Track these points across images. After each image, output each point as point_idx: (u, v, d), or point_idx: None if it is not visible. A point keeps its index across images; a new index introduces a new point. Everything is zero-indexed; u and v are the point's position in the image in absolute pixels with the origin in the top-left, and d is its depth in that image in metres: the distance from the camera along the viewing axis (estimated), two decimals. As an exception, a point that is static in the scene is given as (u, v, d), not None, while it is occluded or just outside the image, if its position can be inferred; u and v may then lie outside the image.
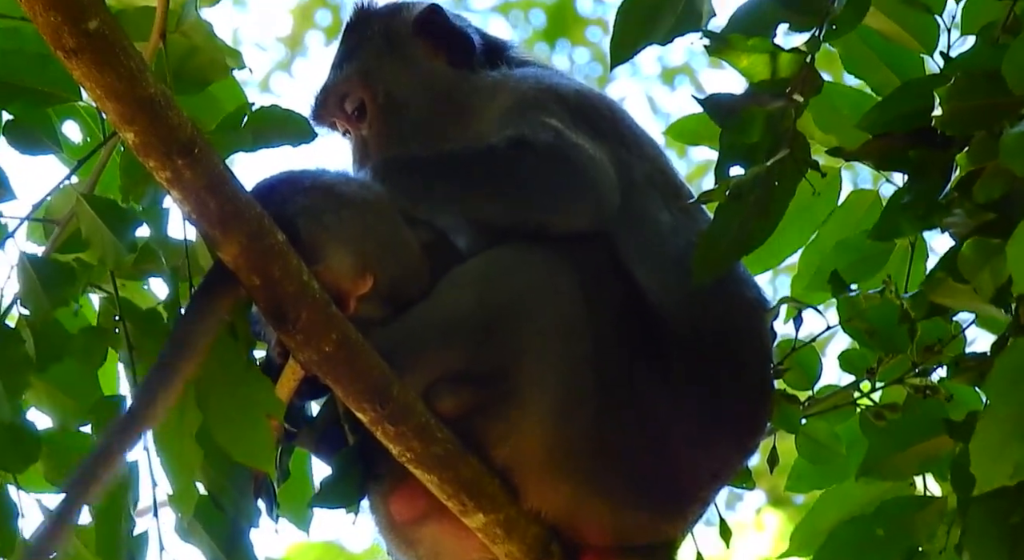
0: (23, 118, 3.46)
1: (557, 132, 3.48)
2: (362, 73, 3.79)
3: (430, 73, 3.79)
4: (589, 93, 3.72)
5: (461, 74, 3.77)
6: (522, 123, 3.52)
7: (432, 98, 3.76)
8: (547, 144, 3.46)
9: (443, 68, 3.79)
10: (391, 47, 3.81)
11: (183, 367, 3.16)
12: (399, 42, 3.82)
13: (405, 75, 3.78)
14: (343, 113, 3.81)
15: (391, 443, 3.31)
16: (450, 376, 3.35)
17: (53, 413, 3.51)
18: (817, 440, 3.80)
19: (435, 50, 3.80)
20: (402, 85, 3.77)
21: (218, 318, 3.20)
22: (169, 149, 3.03)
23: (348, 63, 3.82)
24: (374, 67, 3.79)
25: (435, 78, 3.78)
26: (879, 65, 3.66)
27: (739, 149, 3.28)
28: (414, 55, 3.80)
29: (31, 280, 3.36)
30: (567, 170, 3.44)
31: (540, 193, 3.43)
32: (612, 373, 3.37)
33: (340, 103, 3.81)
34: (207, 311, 3.20)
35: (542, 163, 3.44)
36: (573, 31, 11.90)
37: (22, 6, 2.93)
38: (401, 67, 3.79)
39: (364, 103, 3.78)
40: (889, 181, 3.77)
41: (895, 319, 3.59)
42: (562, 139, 3.47)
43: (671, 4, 3.38)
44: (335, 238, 3.30)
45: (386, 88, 3.77)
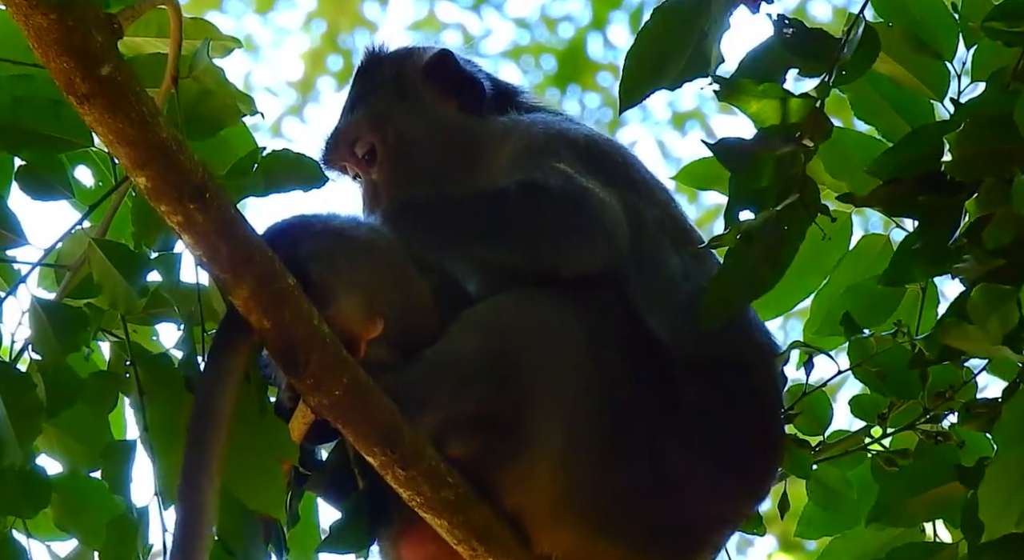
0: (35, 164, 3.46)
1: (568, 176, 3.49)
2: (372, 118, 3.80)
3: (440, 118, 3.80)
4: (599, 138, 3.73)
5: (471, 119, 3.79)
6: (533, 167, 3.53)
7: (442, 143, 3.77)
8: (558, 188, 3.46)
9: (453, 113, 3.81)
10: (401, 92, 3.83)
11: (217, 444, 3.16)
12: (409, 87, 3.83)
13: (415, 120, 3.79)
14: (354, 157, 3.82)
15: (401, 487, 3.30)
16: (460, 420, 3.34)
17: (63, 458, 3.51)
18: (828, 486, 3.79)
19: (445, 95, 3.82)
20: (412, 130, 3.79)
21: (239, 375, 3.20)
22: (181, 194, 3.04)
23: (359, 107, 3.83)
24: (384, 112, 3.81)
25: (445, 123, 3.79)
26: (889, 111, 3.66)
27: (749, 194, 3.28)
28: (424, 100, 3.82)
29: (43, 325, 3.37)
30: (578, 214, 3.44)
31: (551, 236, 3.44)
32: (623, 418, 3.36)
33: (351, 147, 3.82)
34: (227, 370, 3.20)
35: (553, 207, 3.45)
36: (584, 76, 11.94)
37: (35, 52, 2.95)
38: (411, 112, 3.80)
39: (374, 147, 3.79)
40: (899, 226, 3.78)
41: (906, 364, 3.58)
42: (573, 183, 3.48)
43: (680, 49, 3.39)
44: (346, 282, 3.30)
45: (396, 133, 3.78)
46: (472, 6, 12.26)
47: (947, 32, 3.56)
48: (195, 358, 3.41)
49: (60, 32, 2.89)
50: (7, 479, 3.37)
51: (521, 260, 3.44)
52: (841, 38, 3.28)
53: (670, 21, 3.39)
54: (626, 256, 3.46)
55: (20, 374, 3.37)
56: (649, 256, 3.52)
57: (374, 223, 3.48)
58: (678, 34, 3.39)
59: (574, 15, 12.24)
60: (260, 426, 3.26)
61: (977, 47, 3.55)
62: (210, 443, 3.14)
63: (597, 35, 12.13)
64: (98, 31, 2.92)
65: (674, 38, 3.39)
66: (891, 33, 3.51)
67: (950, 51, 3.56)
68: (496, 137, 3.71)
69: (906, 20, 3.56)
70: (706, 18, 3.37)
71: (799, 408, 3.73)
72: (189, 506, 3.12)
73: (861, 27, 3.28)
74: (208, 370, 3.23)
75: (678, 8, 3.39)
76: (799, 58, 3.31)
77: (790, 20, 3.30)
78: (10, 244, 3.43)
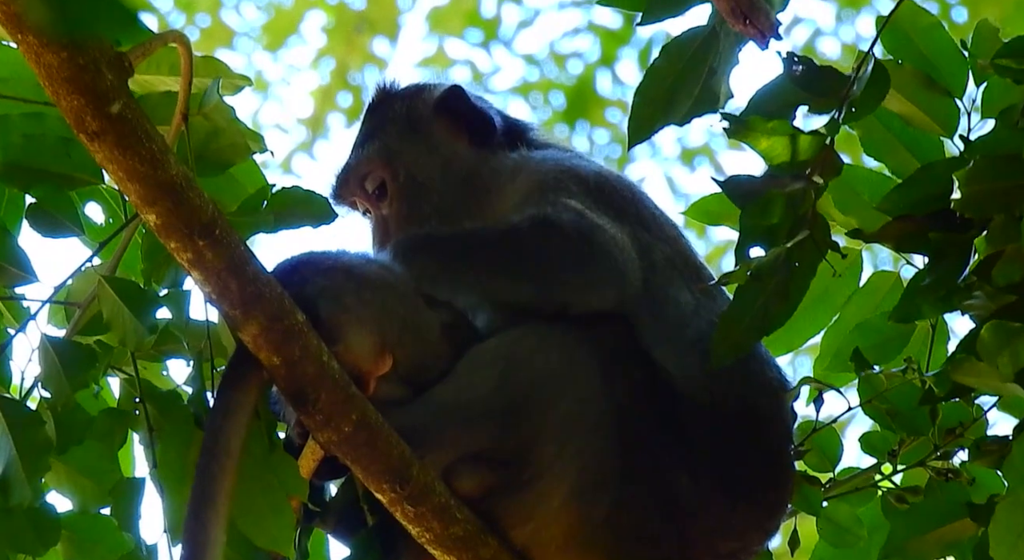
0: (46, 201, 3.47)
1: (579, 213, 3.49)
2: (383, 153, 3.81)
3: (451, 153, 3.80)
4: (609, 175, 3.73)
5: (482, 155, 3.79)
6: (544, 204, 3.53)
7: (452, 178, 3.77)
8: (569, 224, 3.46)
9: (464, 148, 3.81)
10: (412, 127, 3.84)
11: (225, 479, 3.15)
12: (420, 122, 3.84)
13: (426, 155, 3.80)
14: (363, 193, 3.83)
15: (411, 524, 3.30)
16: (470, 457, 3.34)
17: (73, 496, 3.50)
18: (839, 523, 3.77)
19: (456, 131, 3.82)
20: (423, 165, 3.79)
21: (249, 410, 3.20)
22: (191, 230, 3.05)
23: (369, 143, 3.84)
24: (395, 147, 3.81)
25: (455, 158, 3.80)
26: (899, 147, 3.66)
27: (759, 231, 3.28)
28: (435, 135, 3.82)
29: (52, 362, 3.37)
30: (589, 250, 3.44)
31: (563, 273, 3.44)
32: (633, 454, 3.36)
33: (361, 183, 3.83)
34: (236, 405, 3.19)
35: (565, 243, 3.45)
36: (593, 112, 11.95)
37: (46, 90, 2.95)
38: (422, 147, 3.81)
39: (385, 183, 3.80)
40: (909, 263, 3.77)
41: (916, 401, 3.57)
42: (584, 219, 3.48)
43: (689, 85, 3.40)
44: (355, 319, 3.30)
45: (407, 168, 3.79)
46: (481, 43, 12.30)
47: (957, 69, 3.56)
48: (204, 395, 3.42)
49: (71, 70, 2.90)
50: (17, 517, 3.37)
51: (533, 297, 3.44)
52: (851, 75, 3.28)
53: (679, 58, 3.41)
54: (637, 292, 3.46)
55: (29, 411, 3.37)
56: (659, 292, 3.51)
57: (384, 259, 3.48)
58: (687, 71, 3.40)
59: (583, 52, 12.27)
60: (269, 463, 3.26)
61: (987, 84, 3.55)
62: (218, 479, 3.14)
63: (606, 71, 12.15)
64: (109, 69, 2.93)
65: (683, 75, 3.40)
66: (901, 70, 3.52)
67: (960, 88, 3.56)
68: (506, 174, 3.72)
69: (916, 57, 3.56)
70: (715, 55, 3.38)
71: (809, 445, 3.72)
72: (194, 543, 3.11)
73: (871, 64, 3.28)
74: (217, 406, 3.23)
75: (687, 45, 3.40)
76: (809, 95, 3.31)
77: (799, 57, 3.30)
78: (20, 281, 3.44)
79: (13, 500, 3.33)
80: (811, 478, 3.71)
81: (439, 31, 12.23)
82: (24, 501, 3.33)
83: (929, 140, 3.63)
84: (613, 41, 12.00)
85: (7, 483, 3.33)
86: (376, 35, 12.34)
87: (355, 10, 12.33)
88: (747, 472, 3.43)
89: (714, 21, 3.38)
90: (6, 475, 3.33)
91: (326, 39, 12.33)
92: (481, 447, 3.34)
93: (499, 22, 12.30)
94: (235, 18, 12.29)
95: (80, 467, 3.47)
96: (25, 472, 3.32)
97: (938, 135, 3.60)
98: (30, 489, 3.32)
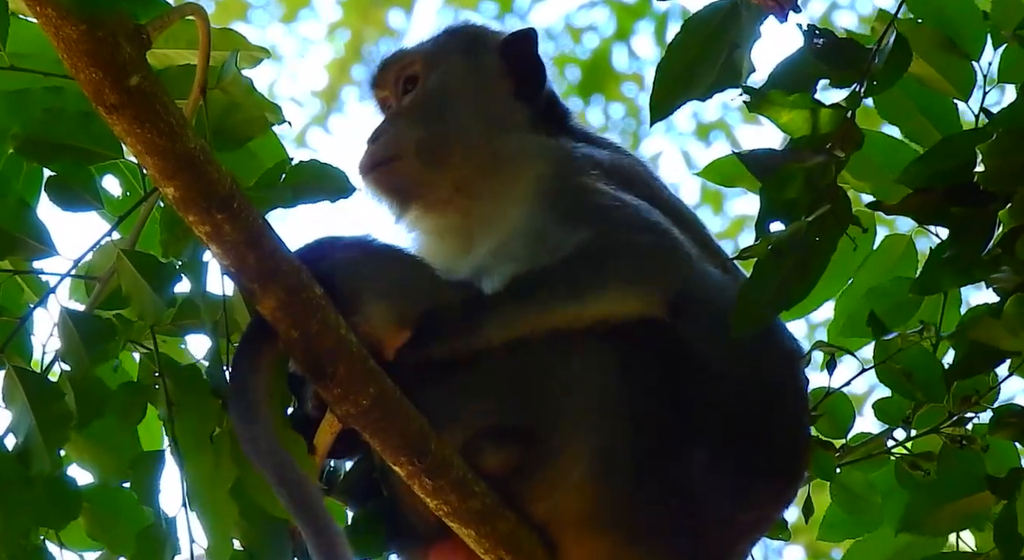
0: (65, 175, 3.47)
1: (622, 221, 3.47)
2: (431, 55, 3.82)
3: (492, 89, 3.78)
4: (626, 163, 3.72)
5: (518, 108, 3.77)
6: (579, 213, 3.50)
7: (479, 109, 3.76)
8: (622, 236, 3.45)
9: (505, 92, 3.79)
10: (470, 51, 3.83)
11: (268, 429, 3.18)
12: (480, 51, 3.83)
13: (468, 76, 3.79)
14: (396, 83, 3.84)
15: (428, 497, 3.30)
16: (490, 432, 3.34)
17: (94, 469, 3.52)
18: (852, 490, 3.78)
19: (507, 74, 3.81)
20: (461, 81, 3.78)
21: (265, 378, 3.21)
22: (209, 204, 3.05)
23: (424, 44, 3.86)
24: (443, 56, 3.82)
25: (492, 95, 3.78)
26: (914, 112, 3.67)
27: (779, 205, 3.27)
28: (487, 67, 3.81)
29: (72, 336, 3.37)
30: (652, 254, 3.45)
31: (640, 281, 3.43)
32: (652, 427, 3.35)
33: (399, 72, 3.84)
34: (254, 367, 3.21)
35: (625, 253, 3.44)
36: (608, 86, 11.93)
37: (65, 63, 2.96)
38: (469, 68, 3.80)
39: (418, 79, 3.80)
40: (925, 230, 3.75)
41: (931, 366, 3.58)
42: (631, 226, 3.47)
43: (710, 61, 3.39)
44: (372, 289, 3.31)
45: (444, 76, 3.78)
46: (497, 15, 12.26)
47: (976, 32, 3.56)
48: (221, 367, 3.42)
49: (90, 43, 2.91)
50: (38, 490, 3.38)
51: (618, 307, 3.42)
52: (872, 48, 3.26)
53: (700, 33, 3.39)
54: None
55: (49, 384, 3.39)
56: None
57: (402, 244, 3.50)
58: (708, 46, 3.39)
59: (599, 25, 12.24)
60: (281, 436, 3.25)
61: (1005, 50, 3.54)
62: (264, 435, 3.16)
63: (622, 46, 12.13)
64: (127, 42, 2.93)
65: (704, 50, 3.39)
66: (920, 30, 3.51)
67: (977, 52, 3.57)
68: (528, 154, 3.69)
69: (936, 18, 3.56)
70: (736, 29, 3.36)
71: (822, 409, 3.72)
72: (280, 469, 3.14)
73: (892, 36, 3.27)
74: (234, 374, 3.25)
75: (708, 20, 3.39)
76: (830, 68, 3.30)
77: (820, 30, 3.29)
78: (40, 254, 3.44)
79: (33, 470, 3.34)
80: (825, 443, 3.72)
81: (454, 3, 12.21)
82: (44, 471, 3.34)
83: (944, 104, 3.64)
84: (629, 15, 11.96)
85: (28, 454, 3.35)
86: (391, 7, 12.32)
87: (371, -18, 12.33)
88: (765, 442, 3.43)
89: (734, -6, 3.37)
90: (27, 446, 3.35)
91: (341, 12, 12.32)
92: (499, 421, 3.34)
93: (514, -6, 12.28)
94: (251, -10, 12.30)
95: (100, 441, 3.48)
96: (45, 443, 3.34)
97: (953, 97, 3.60)
98: (49, 460, 3.34)
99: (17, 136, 3.41)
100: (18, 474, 3.36)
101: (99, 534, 3.54)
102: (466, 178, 3.70)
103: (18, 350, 3.45)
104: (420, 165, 3.71)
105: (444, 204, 3.73)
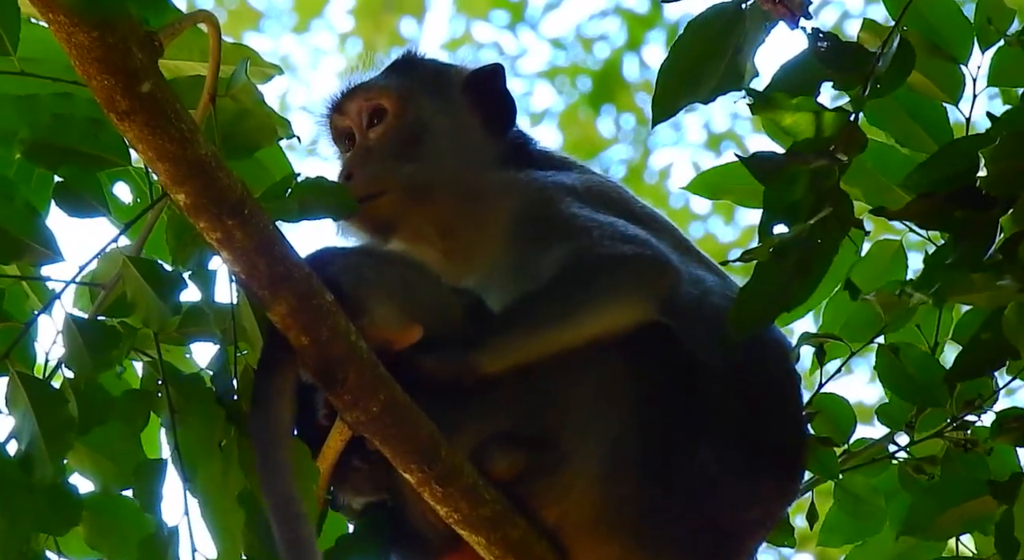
0: (73, 181, 3.45)
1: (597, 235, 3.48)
2: (402, 89, 3.81)
3: (462, 125, 3.79)
4: (596, 181, 3.73)
5: (488, 143, 3.78)
6: (553, 234, 3.51)
7: (451, 144, 3.76)
8: (599, 251, 3.46)
9: (475, 127, 3.80)
10: (437, 85, 3.83)
11: (286, 459, 3.19)
12: (446, 87, 3.83)
13: (440, 113, 3.79)
14: (359, 114, 3.82)
15: (438, 504, 3.30)
16: (499, 438, 3.34)
17: (95, 477, 3.49)
18: (856, 494, 3.79)
19: (475, 109, 3.81)
20: (432, 117, 3.78)
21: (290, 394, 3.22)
22: (220, 210, 3.05)
23: (391, 76, 3.84)
24: (412, 90, 3.81)
25: (465, 132, 3.78)
26: (903, 116, 3.68)
27: (782, 207, 3.27)
28: (455, 102, 3.81)
29: (76, 342, 3.35)
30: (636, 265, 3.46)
31: (626, 292, 3.44)
32: (658, 429, 3.37)
33: (363, 104, 3.82)
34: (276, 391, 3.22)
35: (610, 269, 3.45)
36: (619, 96, 11.95)
37: (76, 70, 2.96)
38: (438, 104, 3.80)
39: (385, 112, 3.79)
40: (913, 231, 3.76)
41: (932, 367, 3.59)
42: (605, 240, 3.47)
43: (714, 63, 3.39)
44: (376, 290, 3.31)
45: (416, 109, 3.78)
46: (508, 25, 12.28)
47: (962, 35, 3.58)
48: (228, 375, 3.40)
49: (102, 50, 2.90)
50: (39, 496, 3.35)
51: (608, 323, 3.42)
52: (876, 51, 3.27)
53: (704, 35, 3.40)
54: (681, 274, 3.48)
55: (53, 390, 3.36)
56: None
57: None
58: (712, 48, 3.39)
59: (610, 35, 12.26)
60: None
61: (996, 53, 3.56)
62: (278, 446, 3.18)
63: (633, 55, 12.16)
64: (139, 49, 2.93)
65: (708, 52, 3.39)
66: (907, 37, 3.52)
67: (964, 55, 3.58)
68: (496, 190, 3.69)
69: (921, 24, 3.57)
70: (740, 32, 3.37)
71: (816, 406, 3.73)
72: (280, 497, 3.16)
73: (896, 40, 3.28)
74: (258, 391, 3.24)
75: (712, 22, 3.39)
76: (833, 71, 3.31)
77: (824, 34, 3.30)
78: (46, 260, 3.41)
79: (35, 478, 3.32)
80: (824, 439, 3.73)
81: (466, 12, 12.21)
82: (46, 478, 3.32)
83: (933, 107, 3.65)
84: (640, 25, 11.99)
85: (30, 460, 3.32)
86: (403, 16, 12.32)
87: (383, -9, 12.32)
88: (765, 436, 3.45)
89: (741, -1, 3.37)
90: (29, 452, 3.32)
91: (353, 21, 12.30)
92: (508, 427, 3.35)
93: (525, 4, 12.32)
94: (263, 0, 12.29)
95: (102, 449, 3.46)
96: (47, 450, 3.31)
97: (941, 101, 3.61)
98: (52, 467, 3.31)
99: (25, 140, 3.39)
100: (20, 480, 3.33)
101: (99, 542, 3.52)
102: (444, 216, 3.72)
103: (21, 356, 3.42)
104: (406, 200, 3.72)
105: (424, 239, 3.74)
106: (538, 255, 3.50)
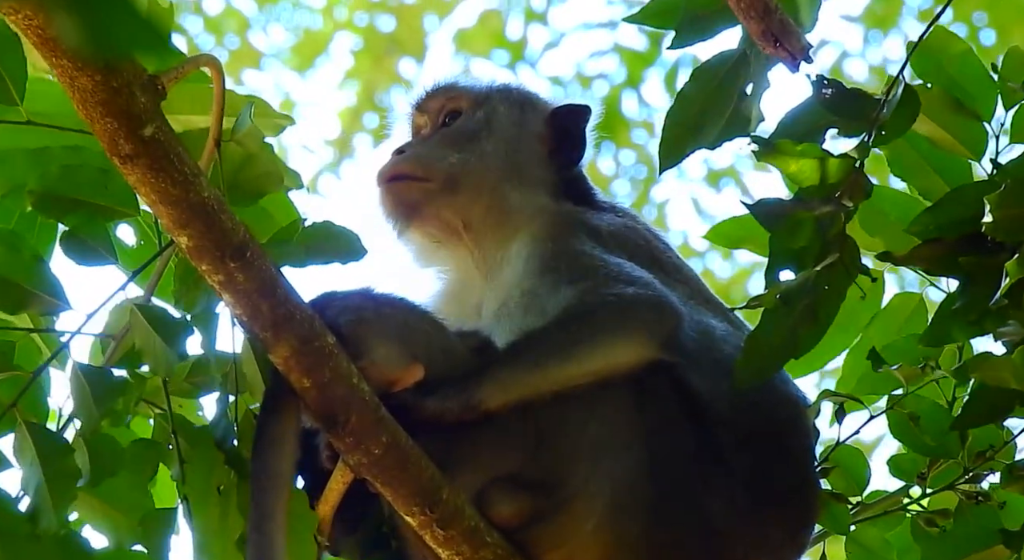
0: (79, 229, 3.45)
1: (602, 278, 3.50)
2: (480, 95, 3.91)
3: (528, 143, 3.85)
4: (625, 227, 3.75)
5: (545, 170, 3.83)
6: (564, 273, 3.53)
7: (507, 151, 3.83)
8: (604, 296, 3.46)
9: (540, 151, 3.86)
10: (521, 105, 3.91)
11: (281, 508, 3.19)
12: (529, 108, 3.91)
13: (511, 125, 3.86)
14: (438, 111, 3.91)
15: (440, 547, 3.29)
16: (502, 480, 3.34)
17: (107, 531, 3.47)
18: (868, 547, 3.76)
19: (547, 137, 3.87)
20: (501, 126, 3.85)
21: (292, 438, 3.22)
22: (222, 253, 3.06)
23: (477, 85, 3.94)
24: (493, 101, 3.90)
25: (527, 150, 3.84)
26: (927, 170, 3.66)
27: (788, 254, 3.28)
28: (531, 123, 3.88)
29: (83, 391, 3.34)
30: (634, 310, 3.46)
31: (628, 335, 3.44)
32: (665, 475, 3.35)
33: (443, 104, 3.91)
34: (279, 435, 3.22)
35: (612, 311, 3.45)
36: (618, 133, 11.98)
37: (80, 113, 2.98)
38: (514, 119, 3.87)
39: (460, 114, 3.88)
40: (935, 285, 3.76)
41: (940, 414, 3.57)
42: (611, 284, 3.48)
43: (719, 109, 3.40)
44: (376, 330, 3.31)
45: (488, 116, 3.86)
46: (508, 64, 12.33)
47: (985, 93, 3.57)
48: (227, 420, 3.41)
49: (105, 93, 2.93)
50: (47, 549, 3.34)
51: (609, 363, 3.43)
52: (881, 98, 3.28)
53: (709, 82, 3.41)
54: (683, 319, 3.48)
55: (59, 439, 3.35)
56: (692, 319, 3.52)
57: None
58: (717, 95, 3.41)
59: (608, 73, 12.29)
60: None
61: (1018, 110, 3.55)
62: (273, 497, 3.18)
63: (631, 93, 12.18)
64: (142, 92, 2.95)
65: (713, 99, 3.41)
66: (930, 93, 3.52)
67: (988, 112, 3.57)
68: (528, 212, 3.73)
69: (944, 80, 3.57)
70: (745, 78, 3.38)
71: (833, 461, 3.71)
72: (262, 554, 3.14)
73: (901, 87, 3.28)
74: (260, 435, 3.24)
75: (717, 69, 3.41)
76: (838, 118, 3.32)
77: (829, 80, 3.31)
78: (54, 309, 3.42)
79: (39, 528, 3.30)
80: (837, 495, 3.70)
81: (466, 52, 12.27)
82: (50, 529, 3.29)
83: (958, 163, 3.64)
84: (639, 62, 12.03)
85: (36, 511, 3.31)
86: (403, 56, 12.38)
87: (383, 32, 12.37)
88: (775, 485, 3.44)
89: (744, 44, 3.38)
90: (35, 503, 3.31)
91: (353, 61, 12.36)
92: (513, 470, 3.34)
93: (525, 43, 12.35)
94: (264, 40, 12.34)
95: (112, 500, 3.44)
96: (52, 499, 3.29)
97: (966, 158, 3.60)
98: (57, 517, 3.29)
99: (34, 192, 3.41)
100: (28, 531, 3.32)
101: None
102: (474, 216, 3.77)
103: (31, 407, 3.43)
104: (441, 190, 3.77)
105: (447, 233, 3.80)
106: (547, 291, 3.51)
